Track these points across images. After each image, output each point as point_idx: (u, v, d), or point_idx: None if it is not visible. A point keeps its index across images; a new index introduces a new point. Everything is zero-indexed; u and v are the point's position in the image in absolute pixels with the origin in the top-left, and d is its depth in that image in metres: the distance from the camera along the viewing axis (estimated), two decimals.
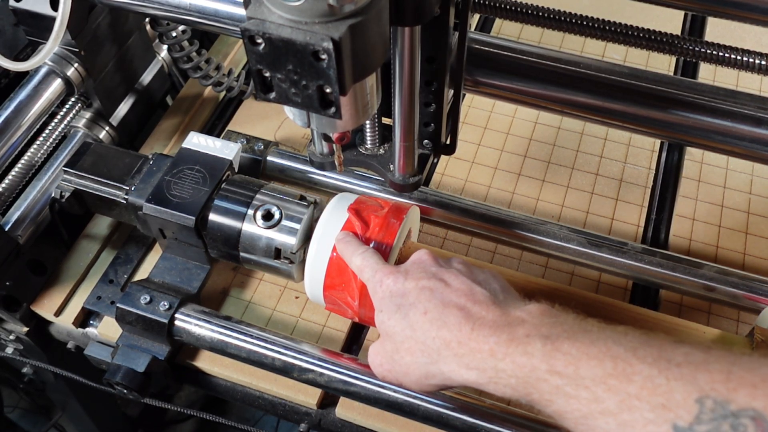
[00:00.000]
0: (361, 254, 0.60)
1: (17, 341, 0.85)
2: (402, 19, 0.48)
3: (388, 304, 0.54)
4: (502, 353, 0.47)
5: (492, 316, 0.49)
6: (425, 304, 0.52)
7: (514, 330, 0.47)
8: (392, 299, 0.54)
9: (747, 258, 0.81)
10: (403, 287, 0.54)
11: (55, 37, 0.72)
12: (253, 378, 0.73)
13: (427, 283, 0.53)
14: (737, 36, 1.02)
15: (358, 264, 0.59)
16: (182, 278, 0.75)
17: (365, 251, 0.60)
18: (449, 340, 0.49)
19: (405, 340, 0.52)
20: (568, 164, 0.90)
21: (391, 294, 0.54)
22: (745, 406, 0.37)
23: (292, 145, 0.92)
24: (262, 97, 0.47)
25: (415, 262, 0.57)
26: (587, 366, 0.43)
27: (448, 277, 0.54)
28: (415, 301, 0.52)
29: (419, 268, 0.55)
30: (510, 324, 0.48)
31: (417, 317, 0.51)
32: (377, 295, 0.56)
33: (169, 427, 1.58)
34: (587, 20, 0.62)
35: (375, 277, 0.57)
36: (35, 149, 0.82)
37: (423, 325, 0.51)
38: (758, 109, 0.60)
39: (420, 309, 0.52)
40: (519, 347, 0.46)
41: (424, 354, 0.51)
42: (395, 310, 0.53)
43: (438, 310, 0.51)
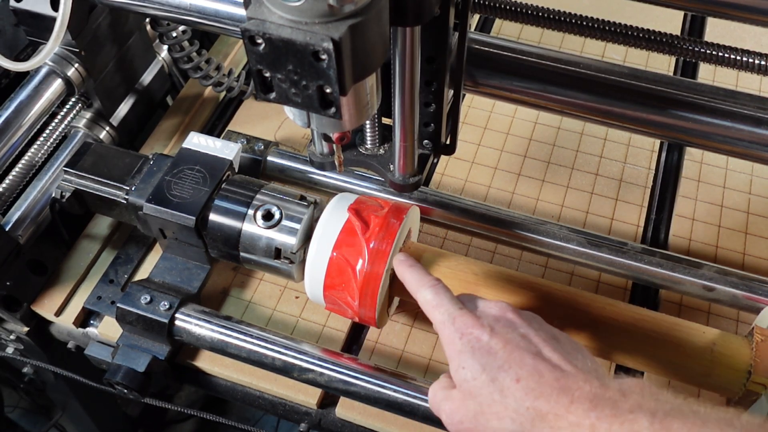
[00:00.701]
0: (433, 288, 0.55)
1: (18, 341, 0.85)
2: (402, 19, 0.48)
3: (470, 362, 0.50)
4: (604, 429, 0.43)
5: (590, 387, 0.46)
6: (517, 370, 0.48)
7: (617, 405, 0.44)
8: (476, 356, 0.50)
9: (746, 258, 0.81)
10: (489, 345, 0.50)
11: (56, 38, 0.72)
12: (253, 378, 0.73)
13: (517, 346, 0.49)
14: (737, 36, 1.02)
15: (428, 300, 0.55)
16: (182, 278, 0.75)
17: (436, 286, 0.56)
18: (545, 412, 0.46)
19: (492, 404, 0.48)
20: (567, 164, 0.90)
21: (474, 350, 0.50)
22: None
23: (292, 145, 0.92)
24: (262, 97, 0.47)
25: (500, 318, 0.52)
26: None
27: (538, 341, 0.50)
28: (505, 364, 0.48)
29: (506, 326, 0.51)
30: (611, 398, 0.45)
31: (509, 383, 0.48)
32: (455, 347, 0.51)
33: (170, 427, 1.58)
34: (587, 20, 0.62)
35: (454, 325, 0.52)
36: (36, 149, 0.82)
37: (515, 393, 0.47)
38: (758, 109, 0.60)
39: (512, 375, 0.48)
40: (624, 425, 0.43)
41: (515, 422, 0.47)
42: (480, 369, 0.49)
43: (533, 378, 0.47)
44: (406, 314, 0.77)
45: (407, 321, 0.77)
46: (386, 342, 0.75)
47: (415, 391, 0.66)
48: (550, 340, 0.51)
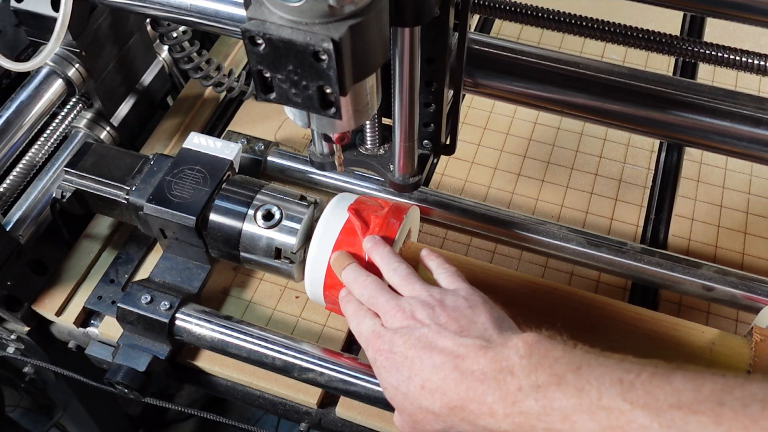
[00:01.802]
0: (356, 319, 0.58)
1: (18, 341, 0.85)
2: (402, 19, 0.48)
3: (387, 382, 0.53)
4: (501, 414, 0.46)
5: (482, 365, 0.48)
6: (419, 375, 0.50)
7: (506, 382, 0.46)
8: (389, 376, 0.53)
9: (746, 258, 0.81)
10: (394, 361, 0.52)
11: (57, 38, 0.72)
12: (253, 377, 0.73)
13: (414, 350, 0.51)
14: (736, 37, 1.02)
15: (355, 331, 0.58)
16: (183, 278, 0.75)
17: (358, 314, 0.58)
18: (453, 406, 0.48)
19: (416, 413, 0.51)
20: (567, 164, 0.90)
21: (386, 370, 0.53)
22: None
23: (293, 146, 0.92)
24: (262, 97, 0.47)
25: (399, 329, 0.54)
26: (581, 420, 0.42)
27: (432, 336, 0.52)
28: (409, 374, 0.51)
29: (406, 333, 0.53)
30: (500, 372, 0.47)
31: (417, 392, 0.50)
32: (376, 372, 0.55)
33: (170, 427, 1.58)
34: (586, 21, 0.62)
35: (368, 351, 0.55)
36: (36, 149, 0.82)
37: (426, 398, 0.50)
38: (757, 109, 0.61)
39: (417, 382, 0.50)
40: (514, 406, 0.45)
41: (439, 421, 0.50)
42: (395, 388, 0.52)
43: (433, 377, 0.50)
44: None
45: None
46: None
47: None
48: (441, 329, 0.52)
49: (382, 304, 0.56)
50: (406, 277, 0.58)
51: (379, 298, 0.57)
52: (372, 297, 0.57)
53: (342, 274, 0.61)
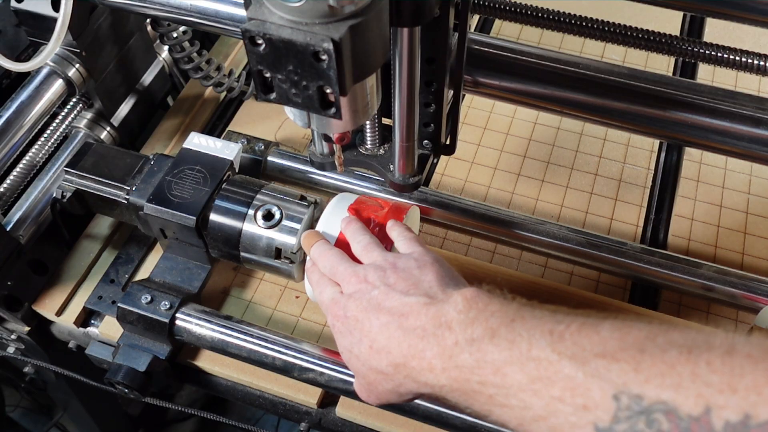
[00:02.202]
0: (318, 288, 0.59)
1: (19, 341, 0.85)
2: (402, 20, 0.48)
3: (342, 345, 0.54)
4: (439, 368, 0.46)
5: (422, 322, 0.49)
6: (368, 336, 0.51)
7: (444, 338, 0.47)
8: (343, 338, 0.54)
9: (745, 258, 0.81)
10: (348, 325, 0.53)
11: (57, 38, 0.72)
12: (253, 377, 0.74)
13: (364, 312, 0.52)
14: (736, 37, 1.02)
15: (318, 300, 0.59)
16: (183, 278, 0.75)
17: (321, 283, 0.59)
18: (397, 363, 0.49)
19: (368, 374, 0.52)
20: (567, 164, 0.90)
21: (342, 334, 0.54)
22: (655, 400, 0.36)
23: (293, 146, 0.92)
24: (262, 97, 0.47)
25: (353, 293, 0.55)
26: (512, 372, 0.42)
27: (381, 298, 0.52)
28: (360, 335, 0.52)
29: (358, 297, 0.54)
30: (439, 328, 0.47)
31: (366, 353, 0.51)
32: (335, 337, 0.56)
33: (170, 426, 1.59)
34: (586, 21, 0.62)
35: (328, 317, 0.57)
36: (37, 149, 0.82)
37: (374, 358, 0.51)
38: (757, 109, 0.61)
39: (366, 343, 0.51)
40: (451, 360, 0.46)
41: (388, 380, 0.51)
42: (348, 350, 0.53)
43: (379, 336, 0.51)
44: None
45: None
46: None
47: None
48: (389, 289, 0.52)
49: (341, 272, 0.57)
50: (366, 246, 0.60)
51: (338, 266, 0.58)
52: (332, 267, 0.59)
53: (311, 251, 0.62)
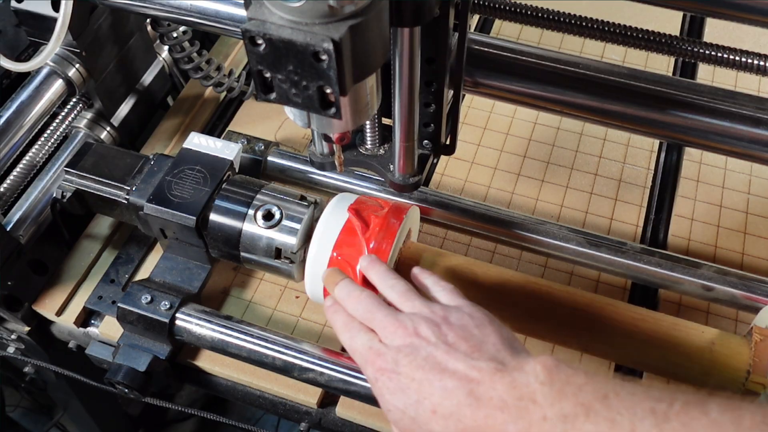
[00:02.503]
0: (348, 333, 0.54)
1: (19, 341, 0.85)
2: (402, 20, 0.48)
3: (391, 405, 0.50)
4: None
5: (499, 391, 0.46)
6: (429, 399, 0.48)
7: (528, 411, 0.44)
8: (393, 398, 0.50)
9: (745, 258, 0.81)
10: (399, 382, 0.49)
11: (57, 38, 0.72)
12: (253, 377, 0.74)
13: (422, 372, 0.49)
14: (736, 37, 1.02)
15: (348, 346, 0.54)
16: (183, 278, 0.75)
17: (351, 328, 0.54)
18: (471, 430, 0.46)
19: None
20: (567, 164, 0.90)
21: (390, 392, 0.50)
22: None
23: (293, 146, 0.92)
24: (262, 97, 0.47)
25: (401, 348, 0.50)
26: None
27: (440, 356, 0.49)
28: (418, 397, 0.48)
29: (409, 354, 0.50)
30: (521, 400, 0.44)
31: (428, 416, 0.48)
32: (375, 392, 0.52)
33: (170, 426, 1.59)
34: (586, 21, 0.62)
35: (367, 370, 0.52)
36: (37, 149, 0.82)
37: (438, 424, 0.47)
38: (757, 109, 0.61)
39: (427, 406, 0.48)
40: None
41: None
42: (401, 411, 0.49)
43: (444, 402, 0.47)
44: None
45: None
46: None
47: None
48: (451, 349, 0.49)
49: (380, 319, 0.53)
50: (404, 293, 0.56)
51: (376, 313, 0.54)
52: (368, 312, 0.54)
53: (335, 290, 0.58)
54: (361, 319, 0.54)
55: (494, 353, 0.49)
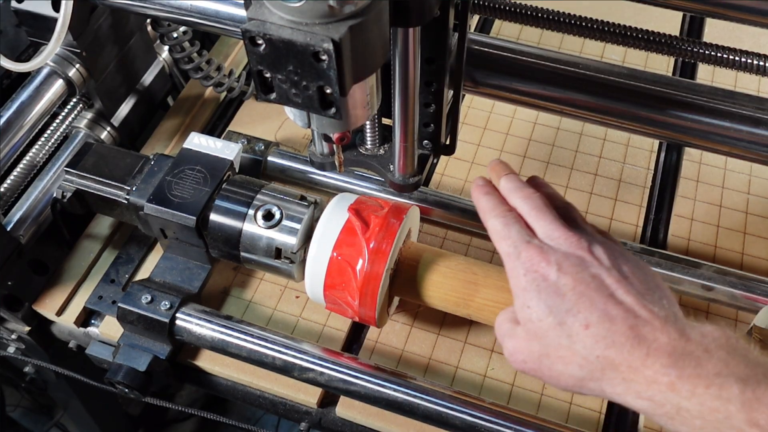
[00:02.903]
0: (503, 218, 0.51)
1: (19, 340, 0.85)
2: (402, 20, 0.48)
3: (536, 302, 0.47)
4: (687, 391, 0.41)
5: (667, 338, 0.43)
6: (586, 314, 0.45)
7: (701, 363, 0.41)
8: (542, 296, 0.47)
9: (745, 258, 0.82)
10: (557, 285, 0.46)
11: (57, 38, 0.72)
12: (253, 377, 0.74)
13: (586, 288, 0.46)
14: (735, 37, 1.02)
15: (497, 229, 0.51)
16: (183, 278, 0.75)
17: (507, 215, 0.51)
18: (618, 362, 0.43)
19: (559, 348, 0.46)
20: (567, 164, 0.90)
21: (540, 289, 0.47)
22: None
23: (293, 146, 0.92)
24: (262, 97, 0.47)
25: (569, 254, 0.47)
26: None
27: (611, 282, 0.46)
28: (573, 308, 0.45)
29: (576, 264, 0.47)
30: (693, 353, 0.42)
31: (577, 328, 0.45)
32: (519, 283, 0.48)
33: (171, 426, 1.59)
34: (586, 21, 0.62)
35: (519, 259, 0.48)
36: (37, 149, 0.83)
37: (584, 339, 0.44)
38: (756, 109, 0.61)
39: (581, 319, 0.45)
40: (710, 389, 0.40)
41: (583, 369, 0.45)
42: (547, 311, 0.46)
43: (603, 324, 0.44)
44: (406, 314, 0.77)
45: (407, 321, 0.77)
46: (386, 341, 0.76)
47: (415, 391, 0.67)
48: (624, 281, 0.46)
49: (551, 221, 0.50)
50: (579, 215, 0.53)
51: (547, 214, 0.50)
52: (537, 210, 0.51)
53: (502, 179, 0.55)
54: (526, 215, 0.51)
55: (667, 305, 0.46)
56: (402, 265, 0.68)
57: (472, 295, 0.66)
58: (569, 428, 0.66)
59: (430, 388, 0.67)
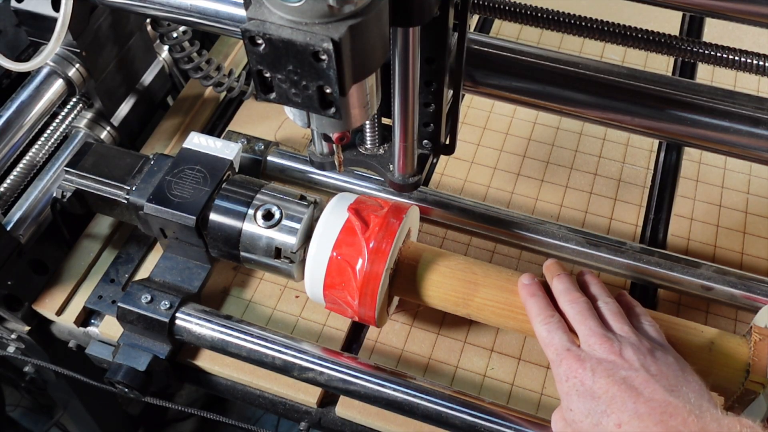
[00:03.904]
0: (546, 326, 0.58)
1: (19, 340, 0.85)
2: (401, 20, 0.48)
3: (576, 405, 0.53)
4: None
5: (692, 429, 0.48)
6: (618, 414, 0.50)
7: None
8: (581, 400, 0.53)
9: (745, 257, 0.82)
10: (592, 389, 0.53)
11: (57, 38, 0.72)
12: (253, 377, 0.74)
13: (618, 389, 0.52)
14: (735, 37, 1.02)
15: (542, 336, 0.58)
16: (183, 277, 0.75)
17: (550, 323, 0.58)
18: None
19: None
20: (566, 164, 0.90)
21: (579, 394, 0.53)
22: None
23: (293, 145, 0.92)
24: (262, 97, 0.47)
25: (602, 360, 0.54)
26: None
27: (639, 383, 0.52)
28: (608, 409, 0.51)
29: (608, 368, 0.53)
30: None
31: (612, 428, 0.50)
32: (562, 389, 0.55)
33: (170, 426, 1.59)
34: (586, 21, 0.62)
35: (560, 367, 0.55)
36: (37, 149, 0.83)
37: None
38: (756, 109, 0.61)
39: (614, 419, 0.50)
40: None
41: None
42: (585, 413, 0.52)
43: (633, 422, 0.50)
44: (405, 313, 0.77)
45: (407, 320, 0.77)
46: (386, 341, 0.76)
47: (414, 390, 0.67)
48: (651, 380, 0.52)
49: (590, 327, 0.56)
50: (617, 314, 0.59)
51: (589, 320, 0.57)
52: (581, 315, 0.58)
53: (554, 280, 0.62)
54: (571, 319, 0.58)
55: (693, 399, 0.51)
56: (402, 265, 0.68)
57: (471, 295, 0.66)
58: None
59: (430, 387, 0.67)
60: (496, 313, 0.66)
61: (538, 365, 0.74)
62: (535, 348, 0.75)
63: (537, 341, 0.74)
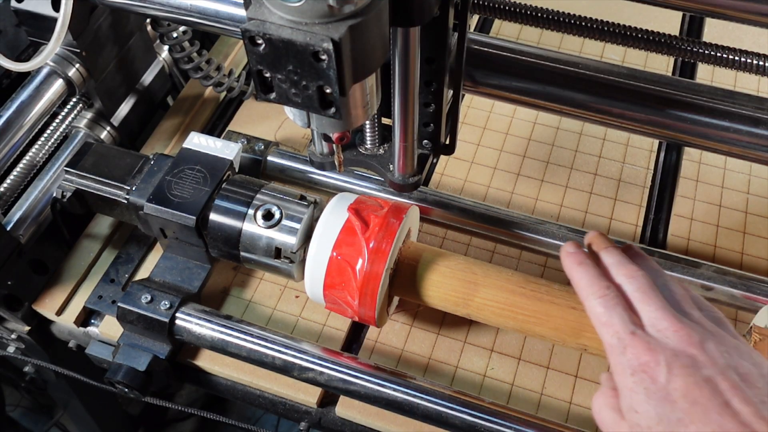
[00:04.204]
0: (603, 299, 0.47)
1: (19, 340, 0.85)
2: (401, 19, 0.48)
3: (645, 407, 0.43)
4: None
5: None
6: (699, 426, 0.41)
7: None
8: (651, 402, 0.43)
9: (745, 257, 0.82)
10: (667, 390, 0.42)
11: (57, 38, 0.72)
12: (253, 377, 0.74)
13: (700, 394, 0.42)
14: (735, 37, 1.02)
15: (597, 313, 0.48)
16: (183, 277, 0.75)
17: (607, 296, 0.47)
18: None
19: None
20: (566, 164, 0.90)
21: (649, 393, 0.43)
22: None
23: (293, 146, 0.92)
24: (262, 97, 0.47)
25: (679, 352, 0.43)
26: None
27: (726, 388, 0.42)
28: (685, 417, 0.41)
29: (687, 365, 0.43)
30: None
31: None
32: (625, 383, 0.44)
33: (170, 426, 1.59)
34: (586, 21, 0.62)
35: (624, 355, 0.45)
36: (37, 149, 0.83)
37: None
38: (756, 109, 0.61)
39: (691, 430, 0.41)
40: None
41: None
42: (656, 419, 0.42)
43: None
44: (405, 313, 0.77)
45: (407, 320, 0.77)
46: (386, 341, 0.76)
47: (414, 390, 0.67)
48: (740, 386, 0.42)
49: (658, 307, 0.46)
50: (685, 297, 0.49)
51: (653, 297, 0.46)
52: (642, 291, 0.47)
53: (603, 252, 0.52)
54: (630, 296, 0.48)
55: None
56: (402, 265, 0.68)
57: (471, 295, 0.66)
58: (569, 428, 0.66)
59: (430, 387, 0.67)
60: (496, 313, 0.66)
61: (538, 365, 0.74)
62: (535, 348, 0.75)
63: (537, 341, 0.74)
